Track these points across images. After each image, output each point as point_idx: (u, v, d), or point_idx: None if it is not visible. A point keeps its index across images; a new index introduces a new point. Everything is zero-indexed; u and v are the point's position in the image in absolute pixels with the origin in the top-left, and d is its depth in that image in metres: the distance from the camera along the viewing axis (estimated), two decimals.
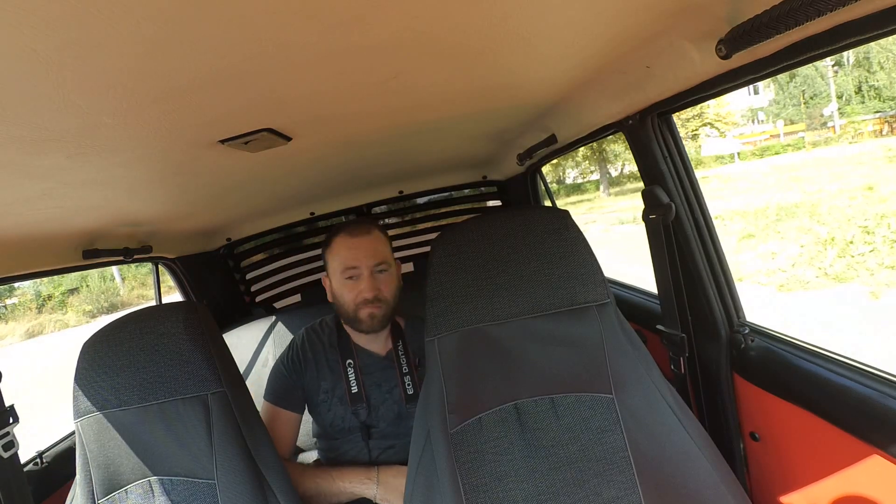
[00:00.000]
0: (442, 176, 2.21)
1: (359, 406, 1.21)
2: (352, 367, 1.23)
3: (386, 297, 1.19)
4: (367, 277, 1.17)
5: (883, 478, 0.75)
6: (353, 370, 1.23)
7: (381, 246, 1.21)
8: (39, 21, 0.36)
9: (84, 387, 0.96)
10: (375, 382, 1.24)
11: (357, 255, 1.17)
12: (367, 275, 1.17)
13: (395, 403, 1.23)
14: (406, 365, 1.24)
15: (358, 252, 1.17)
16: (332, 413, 1.23)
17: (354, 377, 1.23)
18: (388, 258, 1.22)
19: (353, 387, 1.22)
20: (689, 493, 0.80)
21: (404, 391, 1.22)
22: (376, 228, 1.23)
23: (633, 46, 0.82)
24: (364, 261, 1.17)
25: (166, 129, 0.68)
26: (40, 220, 1.00)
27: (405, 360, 1.24)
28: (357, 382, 1.22)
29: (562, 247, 0.92)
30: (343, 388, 1.22)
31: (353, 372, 1.23)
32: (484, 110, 1.14)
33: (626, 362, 0.88)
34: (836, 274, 5.50)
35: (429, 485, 0.84)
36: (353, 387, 1.22)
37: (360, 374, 1.23)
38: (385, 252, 1.21)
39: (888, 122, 19.85)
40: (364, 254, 1.17)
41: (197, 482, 0.95)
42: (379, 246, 1.20)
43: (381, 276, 1.19)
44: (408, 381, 1.23)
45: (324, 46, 0.54)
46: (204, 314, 1.03)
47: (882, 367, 0.81)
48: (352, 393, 1.21)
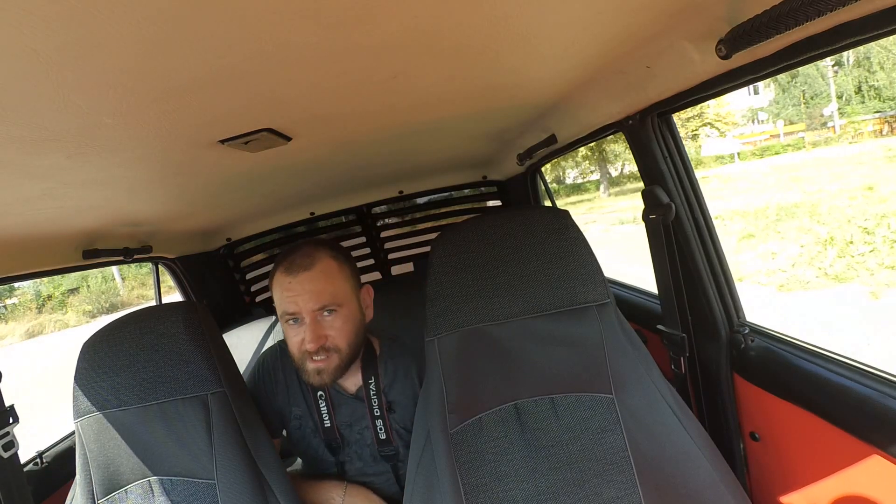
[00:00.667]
0: (442, 176, 2.21)
1: (332, 441, 1.10)
2: (323, 399, 1.09)
3: (337, 346, 0.99)
4: (309, 324, 0.96)
5: (883, 478, 0.75)
6: (325, 403, 1.09)
7: (326, 282, 0.97)
8: (39, 21, 0.36)
9: (84, 387, 0.96)
10: (346, 422, 1.10)
11: (294, 299, 0.96)
12: (310, 321, 0.96)
13: (366, 446, 1.11)
14: (377, 407, 1.07)
15: (295, 295, 0.96)
16: (306, 442, 1.13)
17: (327, 411, 1.09)
18: (338, 296, 0.98)
19: (326, 421, 1.09)
20: (689, 493, 0.80)
21: (376, 436, 1.08)
22: (324, 258, 0.99)
23: (633, 46, 0.82)
24: (303, 304, 0.95)
25: (166, 129, 0.68)
26: (40, 220, 1.00)
27: (376, 402, 1.07)
28: (329, 417, 1.09)
29: (562, 247, 0.92)
30: (315, 418, 1.11)
31: (325, 406, 1.09)
32: (484, 110, 1.14)
33: (626, 362, 0.88)
34: (836, 274, 5.50)
35: (429, 485, 0.84)
36: (325, 421, 1.09)
37: (331, 408, 1.10)
38: (332, 289, 0.97)
39: (888, 122, 19.84)
40: (303, 297, 0.95)
41: (197, 482, 0.95)
42: (322, 283, 0.96)
43: (329, 320, 0.98)
44: (379, 426, 1.07)
45: (324, 46, 0.54)
46: (204, 314, 1.03)
47: (882, 367, 0.81)
48: (324, 427, 1.09)
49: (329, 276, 0.99)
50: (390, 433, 1.09)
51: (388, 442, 1.09)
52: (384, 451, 1.10)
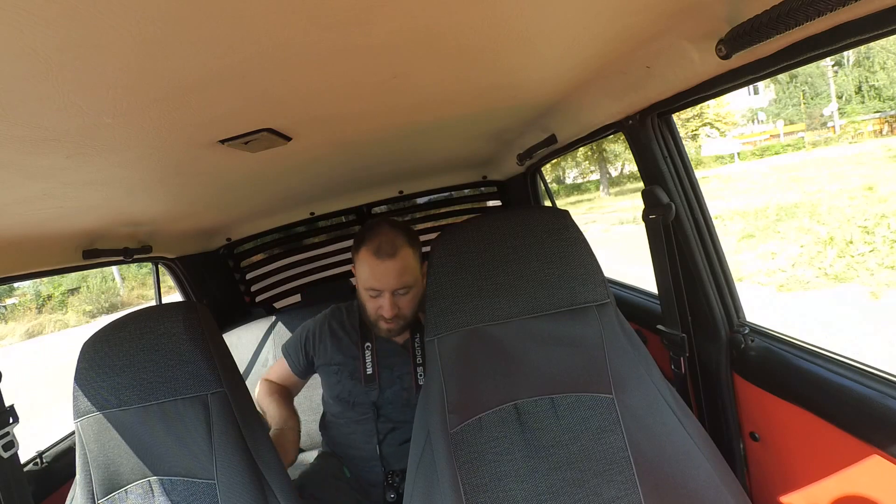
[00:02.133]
0: (442, 176, 2.21)
1: (371, 386, 1.28)
2: (369, 349, 1.30)
3: (405, 315, 1.23)
4: (387, 298, 1.18)
5: (883, 478, 0.75)
6: (370, 353, 1.30)
7: (406, 268, 1.18)
8: (39, 21, 0.36)
9: (84, 387, 0.96)
10: (387, 366, 1.30)
11: (380, 279, 1.17)
12: (388, 296, 1.18)
13: (403, 390, 1.29)
14: (420, 356, 1.30)
15: (381, 277, 1.17)
16: (341, 386, 1.30)
17: (371, 360, 1.30)
18: (412, 279, 1.20)
19: (369, 368, 1.29)
20: (689, 493, 0.80)
21: (416, 380, 1.28)
22: (404, 245, 1.18)
23: (633, 46, 0.82)
24: (386, 285, 1.17)
25: (166, 129, 0.68)
26: (40, 220, 1.00)
27: (420, 353, 1.30)
28: (373, 365, 1.29)
29: (562, 247, 0.92)
30: (355, 366, 1.30)
31: (371, 355, 1.30)
32: (484, 110, 1.14)
33: (626, 362, 0.88)
34: (836, 274, 5.50)
35: (429, 485, 0.84)
36: (368, 368, 1.29)
37: (375, 357, 1.30)
38: (410, 274, 1.19)
39: (888, 122, 19.85)
40: (387, 279, 1.17)
41: (197, 482, 0.95)
42: (404, 269, 1.17)
43: (403, 298, 1.21)
44: (420, 372, 1.29)
45: (324, 46, 0.54)
46: (204, 314, 1.03)
47: (882, 367, 0.81)
48: (367, 374, 1.29)
49: (407, 264, 1.18)
50: None
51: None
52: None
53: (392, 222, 1.23)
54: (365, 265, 1.18)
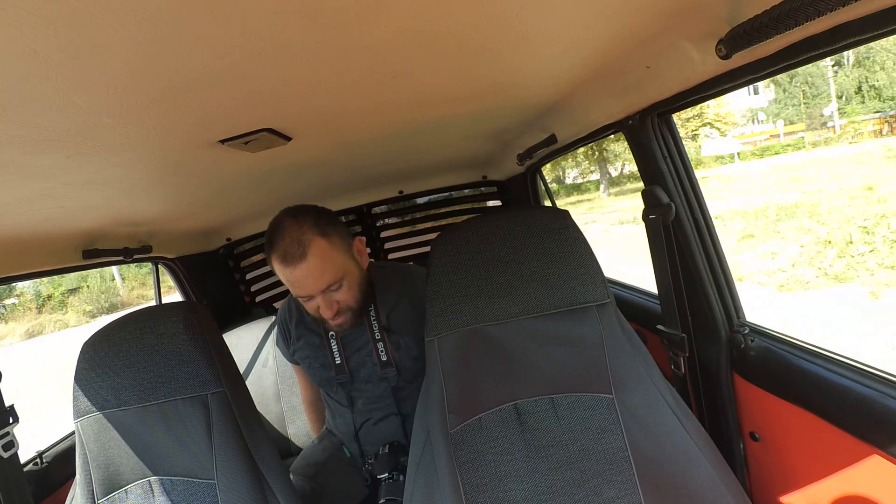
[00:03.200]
0: (442, 176, 2.21)
1: (342, 376, 1.23)
2: (334, 338, 1.23)
3: (349, 306, 1.09)
4: (321, 300, 1.04)
5: (883, 478, 0.75)
6: (335, 342, 1.23)
7: (324, 265, 1.01)
8: (39, 21, 0.36)
9: (84, 387, 0.96)
10: (356, 347, 1.24)
11: (300, 287, 1.03)
12: (321, 298, 1.04)
13: (374, 366, 1.23)
14: (378, 331, 1.20)
15: (299, 284, 1.02)
16: (318, 376, 1.27)
17: (337, 349, 1.23)
18: (339, 273, 1.04)
19: (337, 357, 1.23)
20: (689, 493, 0.80)
21: (378, 358, 1.21)
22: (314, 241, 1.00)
23: (633, 46, 0.82)
24: (310, 289, 1.03)
25: (166, 128, 0.68)
26: (40, 220, 1.00)
27: (376, 326, 1.20)
28: (339, 353, 1.23)
29: (562, 247, 0.92)
30: (325, 355, 1.24)
31: (336, 343, 1.23)
32: (484, 110, 1.14)
33: (626, 362, 0.88)
34: (835, 274, 5.50)
35: (429, 485, 0.84)
36: (336, 357, 1.23)
37: (341, 344, 1.23)
38: (332, 269, 1.02)
39: (888, 122, 19.84)
40: (307, 284, 1.02)
41: (197, 482, 0.95)
42: (322, 267, 1.01)
43: (337, 293, 1.06)
44: (380, 348, 1.20)
45: (324, 46, 0.54)
46: (204, 314, 1.03)
47: (882, 367, 0.81)
48: (336, 364, 1.23)
49: (325, 257, 1.01)
50: (390, 354, 1.20)
51: (389, 363, 1.20)
52: (385, 373, 1.21)
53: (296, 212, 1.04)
54: (281, 275, 1.03)
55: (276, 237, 1.01)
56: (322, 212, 1.07)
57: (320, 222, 1.03)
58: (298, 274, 1.00)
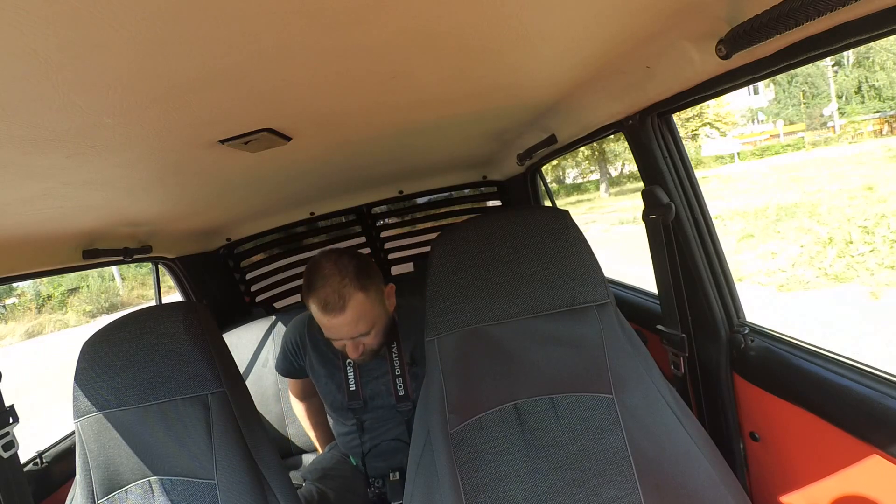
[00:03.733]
0: (442, 176, 2.21)
1: (355, 402, 1.26)
2: (351, 365, 1.27)
3: (372, 349, 1.17)
4: (348, 344, 1.12)
5: (883, 478, 0.75)
6: (351, 369, 1.27)
7: (359, 318, 1.08)
8: (39, 21, 0.36)
9: (84, 387, 0.96)
10: (374, 376, 1.28)
11: (334, 332, 1.10)
12: (349, 343, 1.12)
13: (389, 397, 1.28)
14: (399, 367, 1.25)
15: (334, 331, 1.09)
16: (331, 397, 1.30)
17: (353, 375, 1.27)
18: (371, 322, 1.11)
19: (352, 385, 1.27)
20: (689, 493, 0.80)
21: (395, 392, 1.25)
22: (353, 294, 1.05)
23: (633, 46, 0.82)
24: (342, 336, 1.10)
25: (166, 128, 0.68)
26: (40, 220, 1.00)
27: (398, 362, 1.25)
28: (356, 381, 1.27)
29: (562, 247, 0.92)
30: (340, 378, 1.28)
31: (353, 370, 1.27)
32: (484, 110, 1.13)
33: (626, 362, 0.88)
34: (835, 274, 5.50)
35: (429, 485, 0.84)
36: (351, 385, 1.27)
37: (357, 372, 1.27)
38: (365, 320, 1.09)
39: (888, 122, 19.84)
40: (341, 331, 1.09)
41: (197, 482, 0.95)
42: (357, 319, 1.08)
43: (365, 338, 1.13)
44: (399, 384, 1.25)
45: (324, 46, 0.54)
46: (204, 314, 1.03)
47: (882, 367, 0.81)
48: (350, 390, 1.27)
49: (361, 313, 1.08)
50: (409, 388, 1.25)
51: (407, 397, 1.25)
52: (402, 406, 1.25)
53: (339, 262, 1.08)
54: (316, 317, 1.09)
55: (316, 282, 1.06)
56: (362, 262, 1.12)
57: (360, 276, 1.08)
58: (336, 322, 1.06)
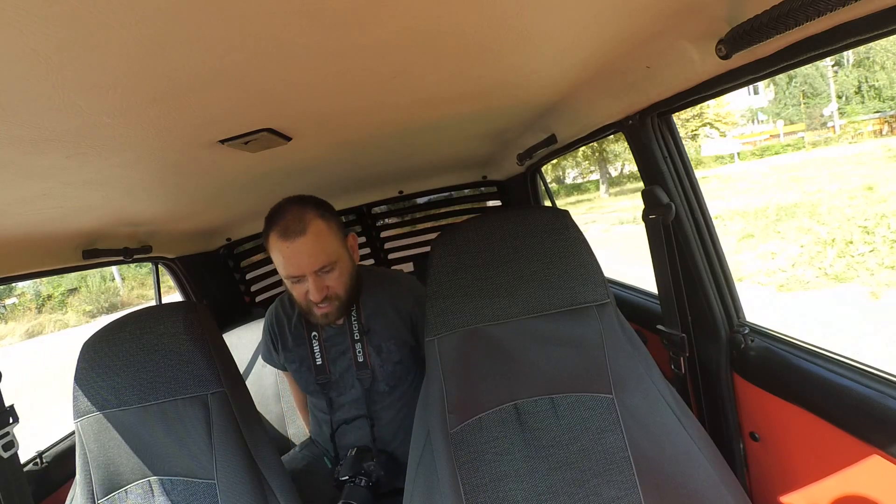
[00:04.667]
0: (442, 176, 2.21)
1: (323, 377, 1.23)
2: (316, 339, 1.24)
3: (337, 294, 1.11)
4: (311, 281, 1.05)
5: (883, 478, 0.75)
6: (317, 342, 1.24)
7: (321, 244, 1.05)
8: (39, 21, 0.36)
9: (84, 387, 0.96)
10: (340, 350, 1.24)
11: (296, 263, 1.04)
12: (312, 278, 1.05)
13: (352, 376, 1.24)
14: (357, 332, 1.21)
15: (296, 259, 1.04)
16: (304, 379, 1.26)
17: (319, 349, 1.24)
18: (333, 254, 1.07)
19: (318, 359, 1.23)
20: (689, 493, 0.80)
21: (355, 359, 1.22)
22: (314, 219, 1.04)
23: (633, 46, 0.82)
24: (305, 267, 1.04)
25: (166, 129, 0.68)
26: (40, 220, 1.00)
27: (356, 328, 1.21)
28: (321, 354, 1.23)
29: (562, 247, 0.92)
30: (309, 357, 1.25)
31: (318, 344, 1.24)
32: (484, 110, 1.14)
33: (626, 362, 0.88)
34: (836, 274, 5.50)
35: (429, 484, 0.84)
36: (317, 359, 1.24)
37: (323, 345, 1.24)
38: (327, 250, 1.06)
39: (888, 122, 19.84)
40: (303, 260, 1.04)
41: (197, 482, 0.95)
42: (319, 246, 1.04)
43: (329, 276, 1.08)
44: (358, 349, 1.21)
45: (324, 46, 0.54)
46: (204, 314, 1.03)
47: (883, 367, 0.81)
48: (316, 364, 1.23)
49: (322, 238, 1.06)
50: (367, 356, 1.21)
51: (365, 365, 1.21)
52: (361, 374, 1.22)
53: (299, 198, 1.09)
54: (276, 251, 1.05)
55: (277, 216, 1.05)
56: (322, 201, 1.12)
57: (321, 207, 1.09)
58: (296, 248, 1.03)
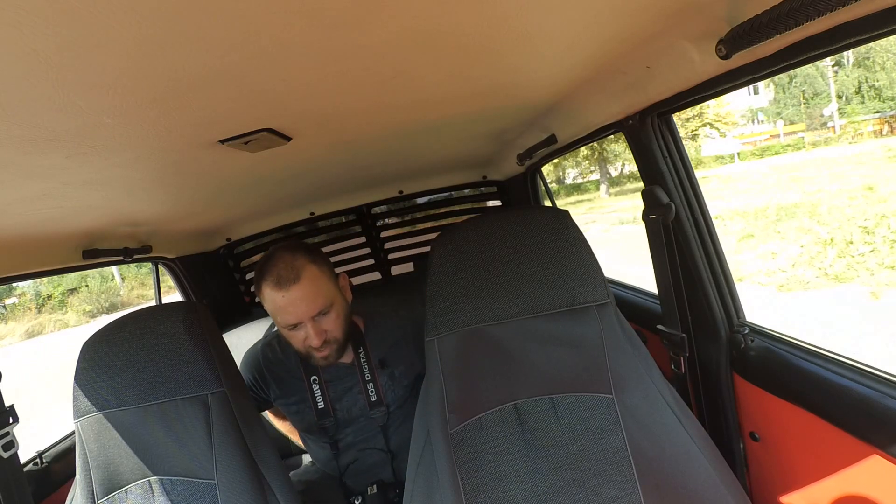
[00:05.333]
0: (442, 176, 2.21)
1: (326, 420, 1.21)
2: (316, 383, 1.22)
3: (335, 337, 1.11)
4: (310, 328, 1.06)
5: (883, 478, 0.75)
6: (318, 386, 1.22)
7: (315, 289, 1.05)
8: (39, 21, 0.36)
9: (84, 387, 0.96)
10: (346, 387, 1.22)
11: (291, 312, 1.04)
12: (310, 324, 1.06)
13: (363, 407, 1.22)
14: (368, 371, 1.21)
15: (291, 308, 1.04)
16: (303, 421, 1.24)
17: (320, 393, 1.21)
18: (328, 298, 1.07)
19: (320, 402, 1.21)
20: (689, 493, 0.80)
21: (367, 399, 1.21)
22: (305, 265, 1.05)
23: (633, 46, 0.82)
24: (303, 315, 1.05)
25: (166, 129, 0.68)
26: (40, 220, 1.00)
27: (367, 367, 1.21)
28: (323, 398, 1.21)
29: (562, 247, 0.92)
30: (308, 398, 1.22)
31: (319, 388, 1.22)
32: (484, 110, 1.13)
33: (626, 362, 0.88)
34: (836, 274, 5.50)
35: (429, 485, 0.84)
36: (319, 403, 1.21)
37: (325, 388, 1.22)
38: (322, 294, 1.06)
39: (888, 122, 19.84)
40: (298, 308, 1.04)
41: (197, 482, 0.95)
42: (313, 291, 1.04)
43: (325, 319, 1.08)
44: (370, 388, 1.21)
45: (324, 46, 0.54)
46: (204, 314, 1.03)
47: (883, 367, 0.81)
48: (318, 409, 1.21)
49: (316, 283, 1.06)
50: (380, 392, 1.22)
51: (379, 402, 1.21)
52: (375, 412, 1.21)
53: (288, 245, 1.09)
54: (271, 302, 1.04)
55: (268, 266, 1.05)
56: (312, 246, 1.13)
57: (312, 252, 1.10)
58: (291, 296, 1.02)
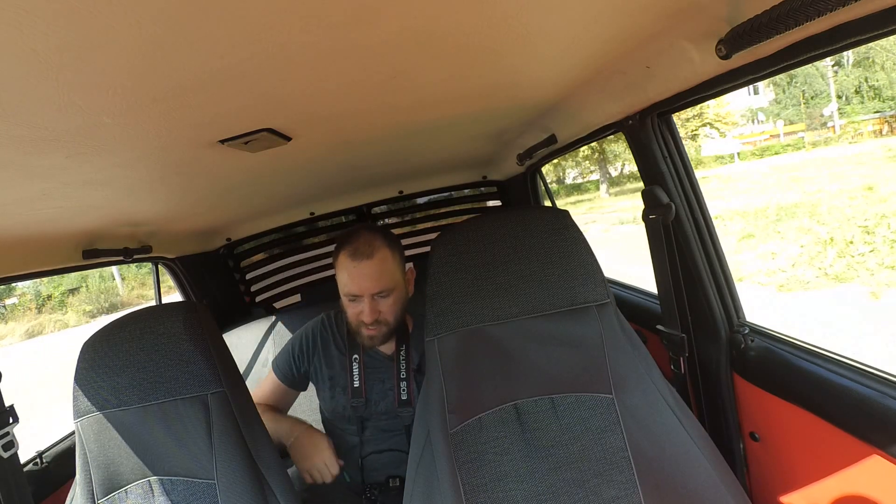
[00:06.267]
0: (442, 176, 2.21)
1: (357, 400, 1.25)
2: (357, 362, 1.27)
3: (387, 320, 1.18)
4: (367, 303, 1.14)
5: (883, 478, 0.75)
6: (357, 365, 1.27)
7: (384, 270, 1.14)
8: (39, 21, 0.36)
9: (84, 387, 0.96)
10: (379, 378, 1.27)
11: (358, 283, 1.13)
12: (368, 300, 1.14)
13: (392, 402, 1.26)
14: (405, 370, 1.25)
15: (358, 279, 1.13)
16: (335, 401, 1.27)
17: (358, 372, 1.26)
18: (392, 282, 1.16)
19: (356, 381, 1.26)
20: (689, 493, 0.80)
21: (398, 395, 1.25)
22: (382, 247, 1.15)
23: (633, 46, 0.82)
24: (365, 289, 1.13)
25: (166, 128, 0.68)
26: (40, 220, 1.00)
27: (405, 366, 1.26)
28: (360, 377, 1.26)
29: (562, 247, 0.92)
30: (345, 378, 1.27)
31: (358, 367, 1.27)
32: (484, 110, 1.14)
33: (626, 362, 0.88)
34: (836, 274, 5.50)
35: (429, 484, 0.84)
36: (355, 381, 1.26)
37: (363, 369, 1.27)
38: (388, 276, 1.15)
39: (888, 122, 19.84)
40: (365, 282, 1.13)
41: (197, 482, 0.95)
42: (382, 271, 1.14)
43: (383, 301, 1.16)
44: (403, 387, 1.24)
45: (324, 46, 0.54)
46: (204, 314, 1.03)
47: (883, 367, 0.81)
48: (353, 387, 1.26)
49: (386, 265, 1.15)
50: (412, 395, 1.25)
51: (408, 402, 1.24)
52: (402, 411, 1.24)
53: (371, 226, 1.20)
54: (343, 270, 1.14)
55: (351, 238, 1.16)
56: (391, 234, 1.23)
57: (390, 238, 1.20)
58: (361, 269, 1.12)
